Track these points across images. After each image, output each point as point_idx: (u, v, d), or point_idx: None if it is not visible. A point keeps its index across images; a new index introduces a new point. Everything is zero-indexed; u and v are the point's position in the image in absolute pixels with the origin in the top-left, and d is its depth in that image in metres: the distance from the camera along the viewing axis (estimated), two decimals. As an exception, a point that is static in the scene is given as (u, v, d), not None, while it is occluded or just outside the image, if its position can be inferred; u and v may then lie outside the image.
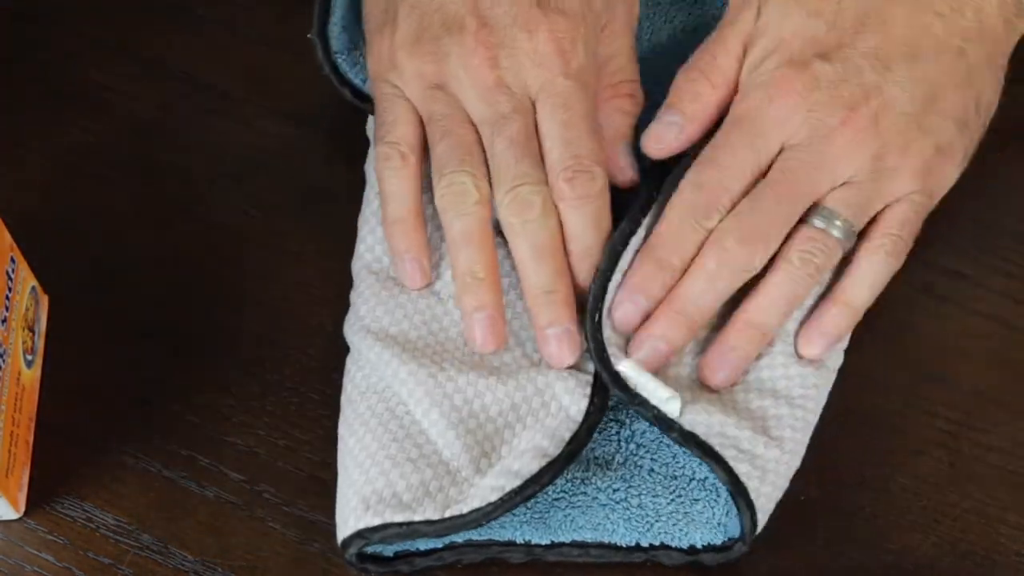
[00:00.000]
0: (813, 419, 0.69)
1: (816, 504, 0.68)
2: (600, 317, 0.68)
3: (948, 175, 0.71)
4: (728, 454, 0.66)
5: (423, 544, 0.67)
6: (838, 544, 0.67)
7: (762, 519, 0.66)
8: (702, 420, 0.66)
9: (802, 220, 0.69)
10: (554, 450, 0.65)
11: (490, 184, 0.69)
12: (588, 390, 0.67)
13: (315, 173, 0.77)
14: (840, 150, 0.69)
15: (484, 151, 0.69)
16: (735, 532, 0.66)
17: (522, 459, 0.65)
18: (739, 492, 0.65)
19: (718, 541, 0.66)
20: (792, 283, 0.69)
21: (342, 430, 0.69)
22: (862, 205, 0.69)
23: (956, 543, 0.67)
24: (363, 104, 0.76)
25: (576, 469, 0.68)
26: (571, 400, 0.67)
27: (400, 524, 0.64)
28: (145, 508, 0.69)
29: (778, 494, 0.67)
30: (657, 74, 0.73)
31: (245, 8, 0.81)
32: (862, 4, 0.71)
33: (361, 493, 0.65)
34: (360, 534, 0.65)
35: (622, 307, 0.68)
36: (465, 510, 0.64)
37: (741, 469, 0.65)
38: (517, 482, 0.64)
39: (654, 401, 0.66)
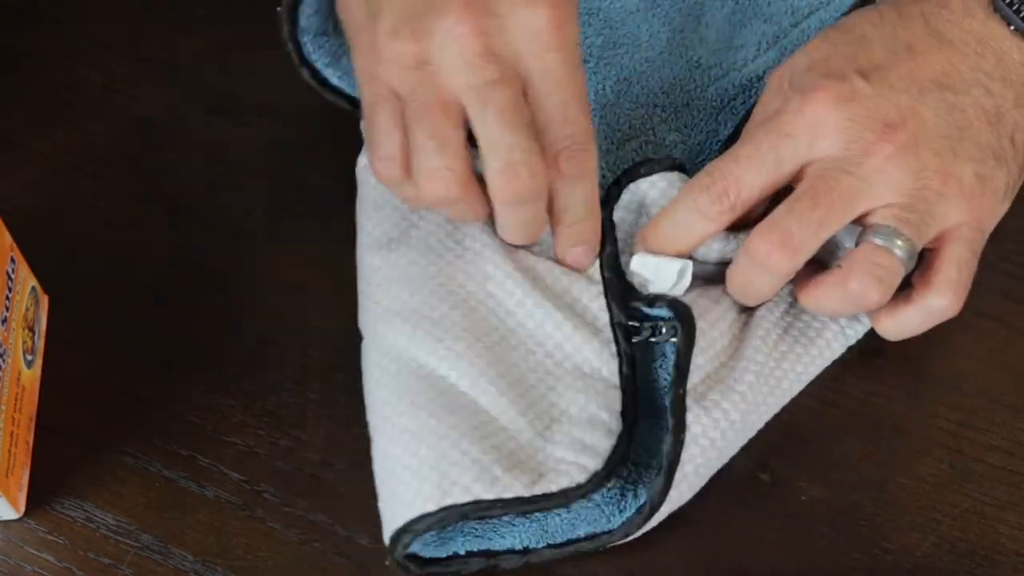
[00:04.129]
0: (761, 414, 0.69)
1: (816, 504, 0.68)
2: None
3: (992, 208, 0.69)
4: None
5: (428, 552, 0.66)
6: (838, 544, 0.67)
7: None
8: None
9: (858, 242, 0.68)
10: (616, 425, 0.66)
11: (468, 159, 0.68)
12: (613, 348, 0.68)
13: (315, 173, 0.77)
14: (880, 163, 0.67)
15: (462, 131, 0.67)
16: None
17: (592, 433, 0.66)
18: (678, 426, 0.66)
19: None
20: (842, 302, 0.68)
21: (380, 417, 0.67)
22: (917, 224, 0.67)
23: (956, 543, 0.67)
24: (323, 89, 0.76)
25: None
26: (600, 361, 0.68)
27: (492, 502, 0.64)
28: (145, 508, 0.69)
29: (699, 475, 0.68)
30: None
31: (245, 8, 0.81)
32: (887, 39, 0.70)
33: (438, 468, 0.64)
34: (416, 522, 0.64)
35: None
36: (554, 488, 0.64)
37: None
38: (598, 462, 0.65)
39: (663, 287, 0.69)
